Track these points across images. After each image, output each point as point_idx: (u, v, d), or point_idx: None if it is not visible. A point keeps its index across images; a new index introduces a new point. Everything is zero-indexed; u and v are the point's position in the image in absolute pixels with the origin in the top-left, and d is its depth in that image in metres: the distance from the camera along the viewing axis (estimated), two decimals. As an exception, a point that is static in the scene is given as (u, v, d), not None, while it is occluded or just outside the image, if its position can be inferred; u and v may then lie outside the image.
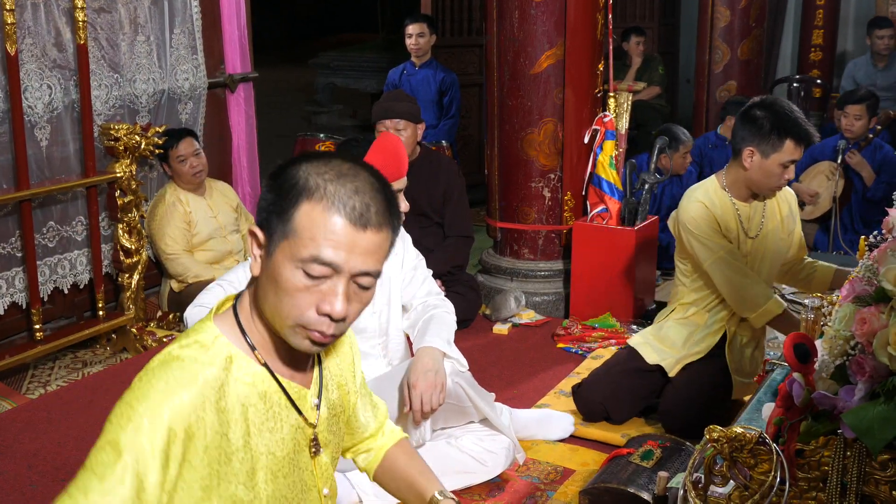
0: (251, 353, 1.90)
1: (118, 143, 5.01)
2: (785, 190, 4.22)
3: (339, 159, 1.86)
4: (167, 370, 1.81)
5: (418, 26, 7.44)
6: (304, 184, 1.79)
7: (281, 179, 1.82)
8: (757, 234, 4.14)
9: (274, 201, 1.83)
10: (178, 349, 1.86)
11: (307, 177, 1.81)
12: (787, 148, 3.91)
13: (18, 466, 3.95)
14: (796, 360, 2.22)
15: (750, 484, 2.23)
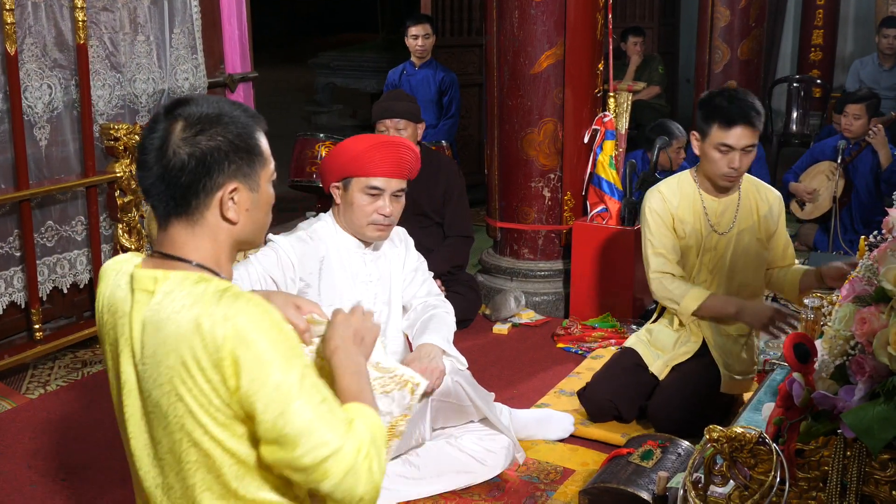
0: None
1: (118, 142, 5.01)
2: (770, 191, 4.20)
3: None
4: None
5: (423, 27, 7.43)
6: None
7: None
8: (727, 231, 4.11)
9: None
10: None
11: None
12: (715, 131, 3.94)
13: (18, 466, 3.95)
14: (796, 359, 2.23)
15: (750, 484, 2.24)
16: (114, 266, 2.06)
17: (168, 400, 1.88)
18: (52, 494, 3.74)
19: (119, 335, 1.98)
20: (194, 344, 1.84)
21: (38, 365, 5.01)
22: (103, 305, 2.04)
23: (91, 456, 4.02)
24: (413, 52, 7.45)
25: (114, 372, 2.02)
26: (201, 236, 1.98)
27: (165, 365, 1.87)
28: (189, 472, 1.92)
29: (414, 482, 3.62)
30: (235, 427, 1.89)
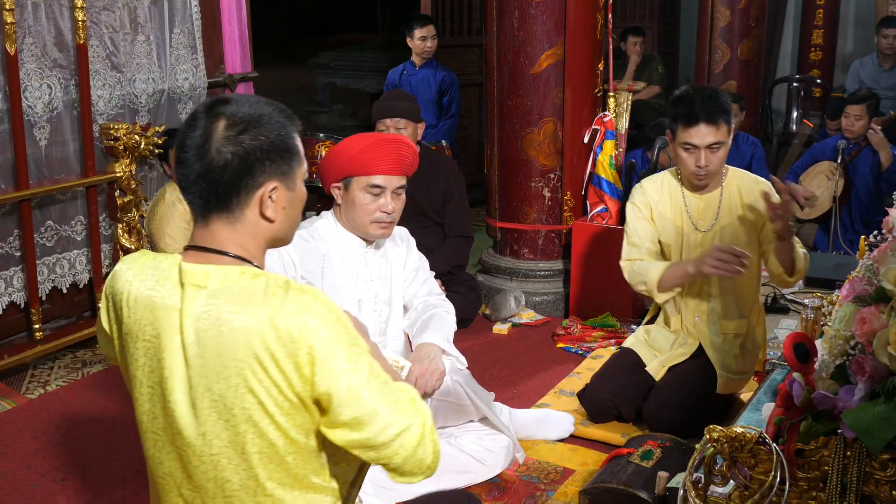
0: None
1: (118, 142, 5.01)
2: (758, 182, 4.10)
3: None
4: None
5: (430, 29, 7.42)
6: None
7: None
8: (709, 229, 4.09)
9: None
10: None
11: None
12: (680, 130, 3.94)
13: (18, 466, 3.95)
14: (796, 359, 2.23)
15: (750, 484, 2.24)
16: (137, 263, 2.07)
17: (235, 392, 1.91)
18: (51, 495, 3.73)
19: (162, 331, 1.97)
20: (268, 338, 1.89)
21: (37, 365, 5.01)
22: (131, 302, 2.01)
23: (91, 456, 4.02)
24: (419, 54, 7.43)
25: (148, 368, 2.00)
26: (242, 233, 2.02)
27: (233, 358, 1.90)
28: (252, 463, 1.96)
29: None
30: (299, 417, 1.94)
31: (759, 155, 7.33)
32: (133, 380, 2.04)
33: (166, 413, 1.99)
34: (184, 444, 1.99)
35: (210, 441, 1.96)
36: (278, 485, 1.98)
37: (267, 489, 1.98)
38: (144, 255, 2.09)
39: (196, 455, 1.98)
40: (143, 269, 2.04)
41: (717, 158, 3.95)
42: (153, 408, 2.01)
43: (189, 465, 2.00)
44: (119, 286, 2.05)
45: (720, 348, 4.12)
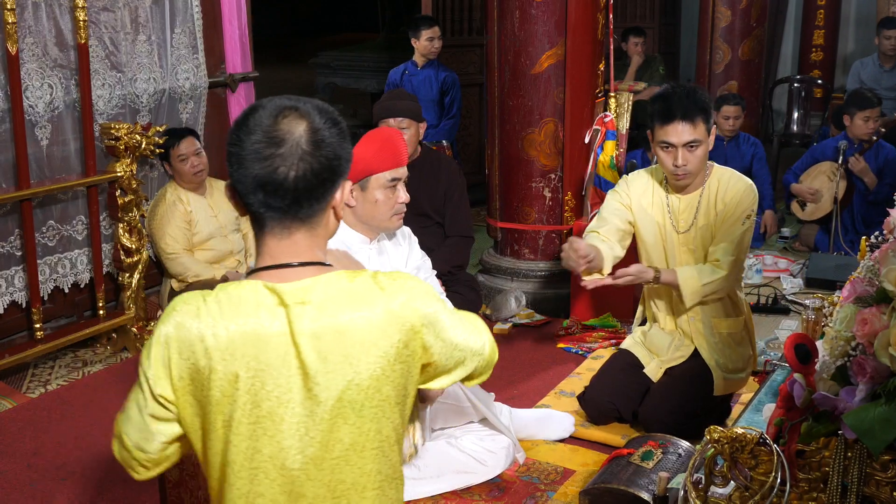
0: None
1: (119, 142, 5.00)
2: (740, 181, 4.03)
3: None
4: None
5: (435, 30, 7.42)
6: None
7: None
8: (687, 230, 4.06)
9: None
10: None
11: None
12: (657, 129, 3.92)
13: (18, 465, 3.95)
14: (797, 360, 2.22)
15: (750, 485, 2.23)
16: (202, 309, 1.94)
17: (366, 395, 1.95)
18: (51, 493, 3.74)
19: (268, 360, 1.92)
20: (391, 332, 1.96)
21: (38, 364, 5.02)
22: (221, 346, 1.91)
23: (91, 455, 4.02)
24: (425, 54, 7.42)
25: (250, 405, 1.93)
26: (321, 237, 2.03)
27: (364, 362, 1.94)
28: (368, 459, 2.00)
29: (414, 482, 3.60)
30: (410, 402, 2.07)
31: (759, 155, 7.34)
32: (225, 425, 1.94)
33: (274, 441, 1.95)
34: (298, 465, 1.96)
35: (332, 447, 1.96)
36: (383, 477, 2.04)
37: (374, 483, 2.02)
38: (200, 297, 1.97)
39: (315, 465, 1.96)
40: (216, 310, 1.93)
41: (695, 158, 3.89)
42: (254, 443, 1.94)
43: (298, 483, 1.97)
44: (190, 338, 1.92)
45: (715, 348, 4.11)
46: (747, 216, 3.97)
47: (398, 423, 2.04)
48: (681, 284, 3.94)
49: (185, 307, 1.94)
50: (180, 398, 1.94)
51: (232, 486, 1.97)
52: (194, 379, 1.92)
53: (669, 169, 3.94)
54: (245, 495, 1.97)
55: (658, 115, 3.90)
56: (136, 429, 1.98)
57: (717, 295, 4.01)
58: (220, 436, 1.94)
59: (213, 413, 1.92)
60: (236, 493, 1.97)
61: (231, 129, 1.97)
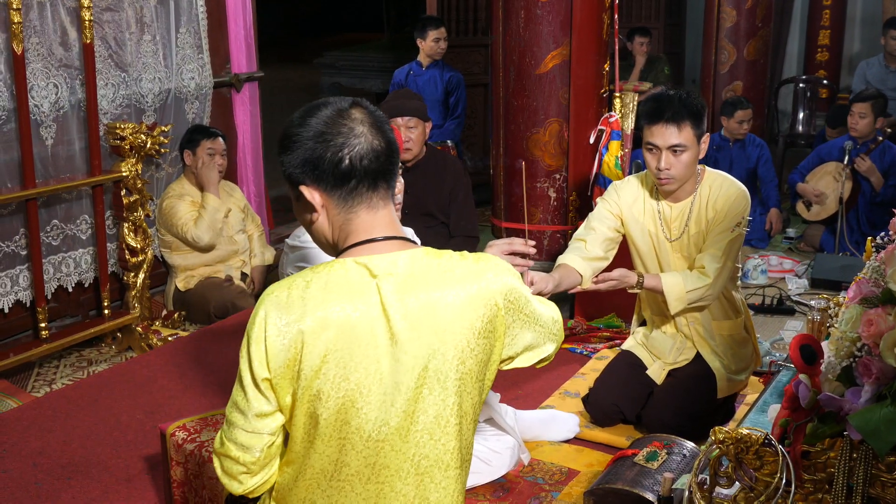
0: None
1: (124, 142, 5.01)
2: (733, 186, 3.95)
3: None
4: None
5: (442, 31, 7.43)
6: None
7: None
8: (678, 237, 4.00)
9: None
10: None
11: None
12: (644, 130, 3.85)
13: (24, 465, 3.94)
14: (802, 361, 2.21)
15: (755, 486, 2.22)
16: (297, 290, 2.03)
17: (451, 366, 2.05)
18: (57, 493, 3.73)
19: (360, 333, 2.01)
20: (477, 306, 2.07)
21: (43, 363, 5.02)
22: (315, 328, 2.00)
23: (96, 454, 4.01)
24: (431, 55, 7.42)
25: (339, 378, 2.01)
26: (394, 213, 2.16)
27: (451, 332, 2.04)
28: (451, 435, 2.08)
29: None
30: (491, 375, 2.16)
31: (765, 157, 7.33)
32: (313, 399, 2.02)
33: (362, 413, 2.03)
34: (384, 435, 2.05)
35: (417, 418, 2.05)
36: (463, 456, 2.12)
37: (456, 462, 2.11)
38: (286, 287, 2.04)
39: (400, 437, 2.05)
40: (307, 296, 2.02)
41: (679, 163, 3.80)
42: (343, 415, 2.03)
43: (383, 454, 2.06)
44: (283, 327, 2.00)
45: (717, 350, 4.09)
46: (737, 223, 3.88)
47: (476, 401, 2.13)
48: (665, 290, 3.87)
49: (274, 298, 2.03)
50: (277, 379, 2.02)
51: (320, 455, 2.05)
52: (289, 364, 2.00)
53: (653, 172, 3.87)
54: (333, 463, 2.05)
55: (646, 115, 3.84)
56: (243, 431, 2.07)
57: (703, 303, 3.93)
58: (307, 409, 2.03)
59: (303, 388, 2.01)
60: (325, 460, 2.06)
61: (291, 131, 2.09)
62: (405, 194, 4.93)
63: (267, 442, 2.08)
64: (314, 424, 2.03)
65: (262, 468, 2.12)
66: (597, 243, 3.99)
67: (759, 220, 7.07)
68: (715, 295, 3.94)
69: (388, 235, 2.10)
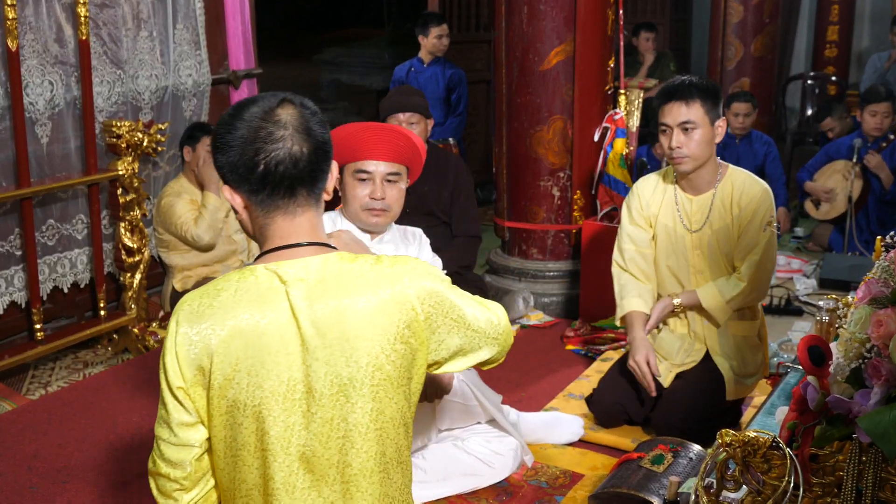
0: None
1: (120, 140, 4.98)
2: (755, 185, 3.97)
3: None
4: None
5: (444, 27, 7.44)
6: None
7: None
8: (698, 229, 4.02)
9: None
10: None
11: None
12: (658, 114, 3.93)
13: (18, 468, 3.93)
14: (811, 363, 2.22)
15: (763, 489, 2.23)
16: (208, 299, 2.03)
17: (366, 373, 2.02)
18: (52, 496, 3.72)
19: (271, 341, 2.00)
20: (391, 312, 2.03)
21: (38, 365, 5.01)
22: (226, 336, 2.00)
23: (92, 458, 4.01)
24: (433, 51, 7.42)
25: (254, 384, 2.00)
26: (320, 217, 2.13)
27: (363, 339, 2.01)
28: (372, 441, 2.05)
29: (420, 485, 3.58)
30: (418, 380, 2.13)
31: (773, 154, 7.30)
32: (230, 410, 2.02)
33: (279, 421, 2.02)
34: (304, 440, 2.03)
35: (337, 426, 2.02)
36: (387, 460, 2.09)
37: (379, 466, 2.08)
38: (198, 297, 2.05)
39: (321, 444, 2.03)
40: (217, 305, 2.02)
41: (692, 142, 3.85)
42: (261, 425, 2.02)
43: (305, 460, 2.04)
44: (193, 336, 2.01)
45: (727, 352, 4.07)
46: (768, 223, 3.93)
47: (403, 406, 2.09)
48: (705, 306, 3.97)
49: (186, 308, 2.03)
50: (191, 387, 2.02)
51: (249, 467, 2.04)
52: (201, 373, 2.01)
53: (667, 154, 3.92)
54: (262, 476, 2.03)
55: (658, 98, 3.93)
56: (169, 445, 2.06)
57: (746, 306, 4.03)
58: (226, 421, 2.02)
59: (217, 398, 2.01)
60: (254, 473, 2.04)
61: (222, 125, 2.05)
62: (407, 193, 4.89)
63: (195, 454, 2.07)
64: (234, 437, 2.03)
65: (195, 483, 2.10)
66: (643, 268, 4.15)
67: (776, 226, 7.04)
68: (756, 299, 4.06)
69: (305, 241, 2.08)
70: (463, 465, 3.64)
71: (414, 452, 3.63)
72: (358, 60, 12.22)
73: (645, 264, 4.12)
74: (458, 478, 3.64)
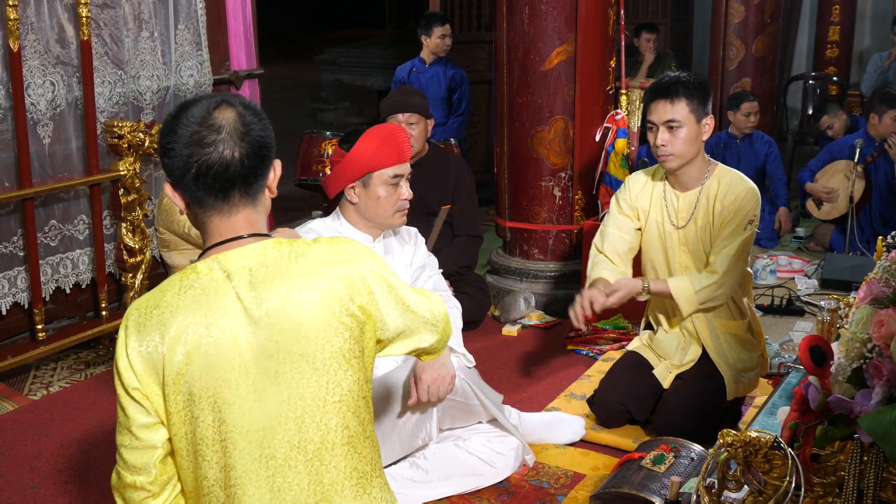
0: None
1: (122, 140, 4.98)
2: (742, 183, 3.99)
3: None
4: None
5: (447, 27, 7.44)
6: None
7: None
8: (684, 225, 4.05)
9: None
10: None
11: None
12: (647, 106, 3.99)
13: (20, 468, 3.93)
14: (812, 363, 2.23)
15: (764, 489, 2.23)
16: (154, 300, 2.09)
17: (316, 346, 2.07)
18: (54, 497, 3.72)
19: (220, 331, 2.05)
20: (338, 289, 2.08)
21: (40, 366, 5.00)
22: (174, 334, 2.04)
23: (94, 458, 4.01)
24: (436, 52, 7.43)
25: (207, 374, 2.04)
26: (262, 214, 2.18)
27: (308, 314, 2.06)
28: (332, 414, 2.10)
29: (421, 485, 3.59)
30: (369, 355, 2.18)
31: (774, 154, 7.31)
32: (188, 404, 2.06)
33: (235, 408, 2.06)
34: (262, 424, 2.06)
35: (294, 403, 2.07)
36: (351, 433, 2.13)
37: (342, 439, 2.12)
38: (145, 302, 2.10)
39: (280, 423, 2.06)
40: (164, 305, 2.07)
41: (677, 140, 3.89)
42: (218, 414, 2.06)
43: (266, 444, 2.07)
44: (144, 337, 2.06)
45: (722, 350, 4.08)
46: (749, 222, 3.94)
47: (360, 378, 2.14)
48: (673, 293, 3.97)
49: (135, 313, 2.09)
50: (146, 387, 2.05)
51: (209, 462, 2.06)
52: (154, 370, 2.04)
53: (654, 151, 3.98)
54: (222, 469, 2.06)
55: (645, 95, 4.04)
56: (131, 450, 2.09)
57: (715, 302, 4.00)
58: (184, 417, 2.05)
59: (173, 394, 2.04)
60: (215, 468, 2.06)
61: (165, 127, 2.11)
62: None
63: (158, 456, 2.09)
64: (193, 432, 2.06)
65: (162, 488, 2.12)
66: (622, 256, 4.17)
67: (768, 219, 7.05)
68: (727, 294, 4.00)
69: (244, 234, 2.14)
70: (464, 465, 3.64)
71: (416, 452, 3.65)
72: (359, 60, 12.19)
73: (624, 249, 4.15)
74: (460, 477, 3.63)
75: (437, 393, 3.39)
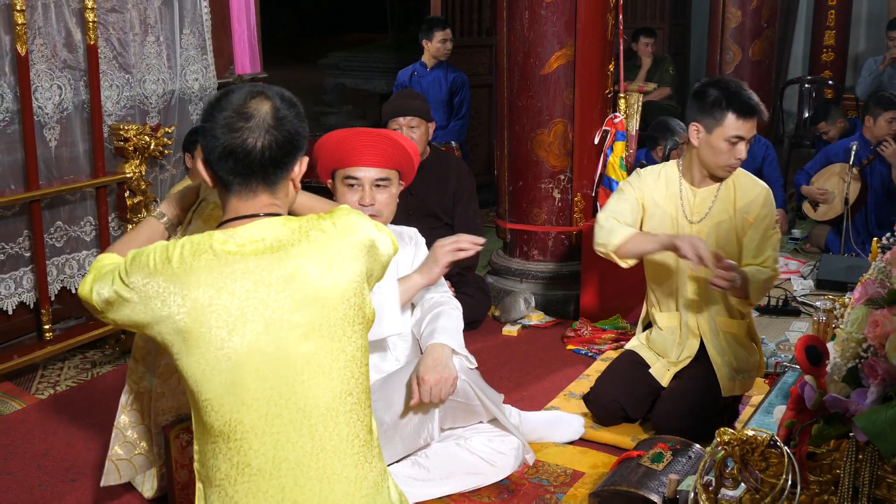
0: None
1: (128, 143, 5.01)
2: (756, 185, 4.07)
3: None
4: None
5: (448, 32, 7.45)
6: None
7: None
8: (699, 221, 4.07)
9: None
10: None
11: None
12: (728, 121, 3.88)
13: (27, 467, 3.94)
14: (808, 362, 2.22)
15: (761, 487, 2.22)
16: (173, 263, 2.18)
17: (324, 313, 2.21)
18: (61, 495, 3.73)
19: (232, 297, 2.16)
20: (347, 257, 2.25)
21: (47, 365, 5.01)
22: (190, 305, 2.17)
23: (100, 456, 3.99)
24: (436, 56, 7.43)
25: (222, 340, 2.16)
26: (282, 201, 2.32)
27: (324, 287, 2.20)
28: (337, 380, 2.23)
29: (422, 483, 3.61)
30: (366, 317, 2.32)
31: (770, 157, 7.32)
32: (230, 326, 2.17)
33: (245, 369, 2.17)
34: (270, 384, 2.17)
35: (301, 368, 2.18)
36: (358, 402, 2.27)
37: (346, 406, 2.24)
38: (153, 253, 2.22)
39: (288, 385, 2.17)
40: (175, 262, 2.18)
41: (744, 152, 3.96)
42: (256, 342, 2.18)
43: (273, 403, 2.17)
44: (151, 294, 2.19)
45: (720, 347, 4.09)
46: (776, 221, 4.06)
47: (364, 345, 2.29)
48: (748, 274, 3.87)
49: (139, 260, 2.22)
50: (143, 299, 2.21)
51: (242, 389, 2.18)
52: (156, 299, 2.19)
53: (730, 161, 3.95)
54: (227, 423, 2.19)
55: (737, 110, 3.88)
56: (97, 276, 2.29)
57: (760, 298, 4.08)
58: (223, 367, 2.16)
59: (208, 315, 2.15)
60: (221, 420, 2.19)
61: (206, 108, 2.26)
62: (409, 195, 4.93)
63: (107, 297, 2.25)
64: (230, 379, 2.16)
65: (101, 314, 2.31)
66: (624, 221, 4.07)
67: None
68: (766, 291, 4.20)
69: (261, 213, 2.27)
70: (465, 464, 3.65)
71: (417, 451, 3.65)
72: (362, 64, 12.13)
73: (629, 222, 4.07)
74: (461, 476, 3.64)
75: (440, 394, 3.40)
